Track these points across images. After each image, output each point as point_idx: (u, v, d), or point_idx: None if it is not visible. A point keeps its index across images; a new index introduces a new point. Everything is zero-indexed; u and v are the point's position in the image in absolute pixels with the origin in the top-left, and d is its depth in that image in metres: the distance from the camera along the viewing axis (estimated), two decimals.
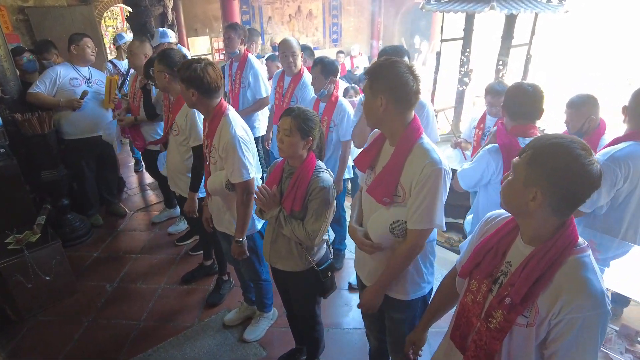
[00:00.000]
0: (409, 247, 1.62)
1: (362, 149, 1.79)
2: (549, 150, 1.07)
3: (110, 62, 4.97)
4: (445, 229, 1.62)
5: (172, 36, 4.39)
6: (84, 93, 3.68)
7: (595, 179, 1.05)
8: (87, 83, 3.81)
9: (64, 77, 3.69)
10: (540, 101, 2.09)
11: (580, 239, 1.14)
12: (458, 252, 3.62)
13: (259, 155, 2.53)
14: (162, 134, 3.43)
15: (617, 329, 1.85)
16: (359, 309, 2.06)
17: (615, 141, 2.18)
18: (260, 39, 4.22)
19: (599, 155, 2.10)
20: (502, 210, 1.33)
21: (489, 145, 2.17)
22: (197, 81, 2.06)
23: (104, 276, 3.42)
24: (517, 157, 1.16)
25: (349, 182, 3.57)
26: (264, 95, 3.90)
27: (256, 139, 3.94)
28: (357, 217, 1.85)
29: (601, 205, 2.17)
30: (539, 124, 2.23)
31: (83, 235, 3.91)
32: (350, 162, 3.14)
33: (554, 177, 1.06)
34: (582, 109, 2.58)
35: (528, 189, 1.10)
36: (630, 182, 2.09)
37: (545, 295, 1.11)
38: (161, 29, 4.35)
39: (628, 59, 6.38)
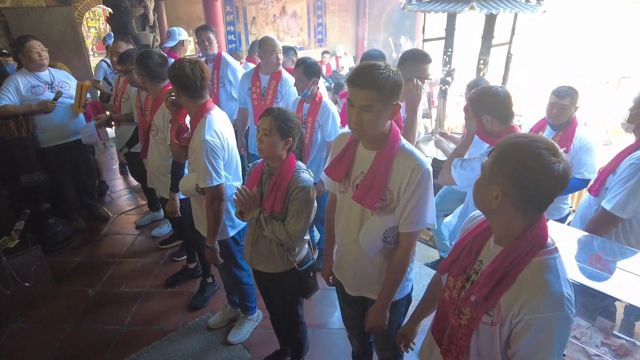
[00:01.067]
0: (405, 251, 1.62)
1: (332, 158, 1.73)
2: (511, 150, 1.08)
3: (104, 61, 4.92)
4: (437, 227, 1.63)
5: (184, 33, 4.50)
6: (58, 94, 3.54)
7: (559, 179, 1.03)
8: (50, 88, 3.59)
9: (24, 86, 3.44)
10: None
11: (550, 240, 1.15)
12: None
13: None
14: None
15: (593, 323, 1.89)
16: (344, 310, 2.07)
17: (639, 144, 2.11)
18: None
19: (638, 159, 2.02)
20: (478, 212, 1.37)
21: (491, 148, 2.17)
22: (178, 80, 2.08)
23: (87, 281, 3.37)
24: (487, 157, 1.17)
25: None
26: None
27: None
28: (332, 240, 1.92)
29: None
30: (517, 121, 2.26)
31: (65, 239, 3.85)
32: None
33: (514, 177, 1.06)
34: (575, 97, 2.64)
35: (491, 188, 1.11)
36: None
37: (507, 295, 1.12)
38: (171, 28, 4.49)
39: (606, 57, 6.52)
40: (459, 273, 1.28)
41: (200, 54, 4.14)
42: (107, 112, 3.86)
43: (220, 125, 2.18)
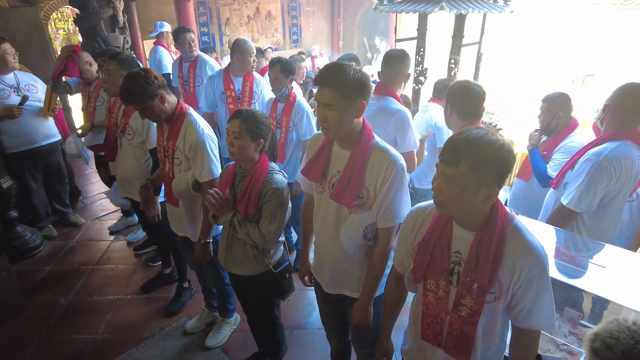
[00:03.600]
0: (384, 246, 1.65)
1: (308, 159, 1.74)
2: (482, 150, 1.12)
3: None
4: None
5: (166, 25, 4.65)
6: (24, 98, 3.41)
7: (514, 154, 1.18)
8: (17, 92, 3.47)
9: None
10: (484, 100, 2.16)
11: (506, 207, 1.26)
12: None
13: None
14: None
15: (561, 313, 1.96)
16: (322, 309, 2.07)
17: (600, 140, 2.13)
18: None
19: (592, 155, 2.06)
20: (423, 204, 1.41)
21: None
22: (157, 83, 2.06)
23: (58, 290, 3.27)
24: (445, 166, 1.16)
25: None
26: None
27: None
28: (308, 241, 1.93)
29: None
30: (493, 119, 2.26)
31: (35, 248, 3.73)
32: None
33: (499, 173, 1.15)
34: (552, 104, 2.66)
35: (481, 192, 1.16)
36: (619, 183, 2.06)
37: (504, 268, 1.21)
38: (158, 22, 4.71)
39: (571, 56, 6.73)
40: (440, 273, 1.30)
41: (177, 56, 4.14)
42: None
43: (203, 120, 2.23)
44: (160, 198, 2.59)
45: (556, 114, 2.63)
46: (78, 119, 5.16)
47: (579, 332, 1.90)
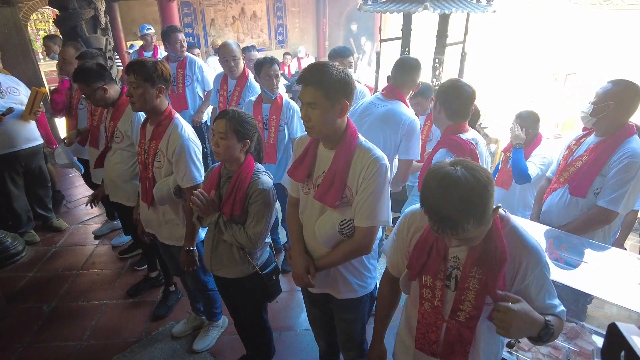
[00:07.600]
0: (355, 243, 1.62)
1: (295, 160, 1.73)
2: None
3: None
4: (391, 224, 1.62)
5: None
6: (9, 110, 3.35)
7: None
8: None
9: None
10: (474, 101, 2.15)
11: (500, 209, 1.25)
12: None
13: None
14: None
15: None
16: (309, 310, 2.06)
17: (620, 140, 2.14)
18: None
19: (632, 157, 2.07)
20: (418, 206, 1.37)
21: (438, 153, 2.13)
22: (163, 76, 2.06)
23: (41, 297, 3.20)
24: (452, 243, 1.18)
25: None
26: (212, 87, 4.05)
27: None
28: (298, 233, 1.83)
29: None
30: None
31: (16, 254, 3.64)
32: None
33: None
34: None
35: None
36: None
37: (507, 269, 1.20)
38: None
39: (553, 55, 6.84)
40: (436, 272, 1.29)
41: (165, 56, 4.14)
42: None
43: (188, 125, 2.22)
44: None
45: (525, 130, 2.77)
46: (61, 122, 5.07)
47: (565, 327, 1.93)
